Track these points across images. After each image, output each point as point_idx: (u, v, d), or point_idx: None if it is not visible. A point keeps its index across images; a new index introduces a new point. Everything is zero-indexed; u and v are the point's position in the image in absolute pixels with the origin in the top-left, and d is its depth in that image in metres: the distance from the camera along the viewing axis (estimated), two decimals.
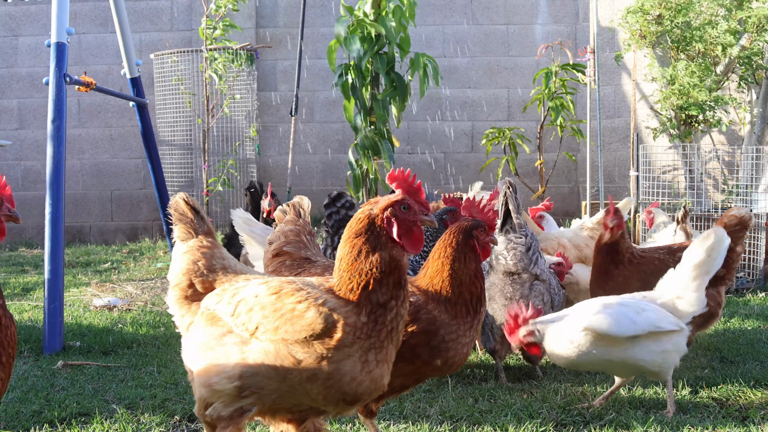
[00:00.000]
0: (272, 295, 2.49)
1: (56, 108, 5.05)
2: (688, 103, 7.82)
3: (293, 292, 2.47)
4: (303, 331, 2.37)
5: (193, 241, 2.84)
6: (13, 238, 11.18)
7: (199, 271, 2.76)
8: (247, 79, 10.73)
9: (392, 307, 2.45)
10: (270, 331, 2.43)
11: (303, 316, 2.39)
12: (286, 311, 2.42)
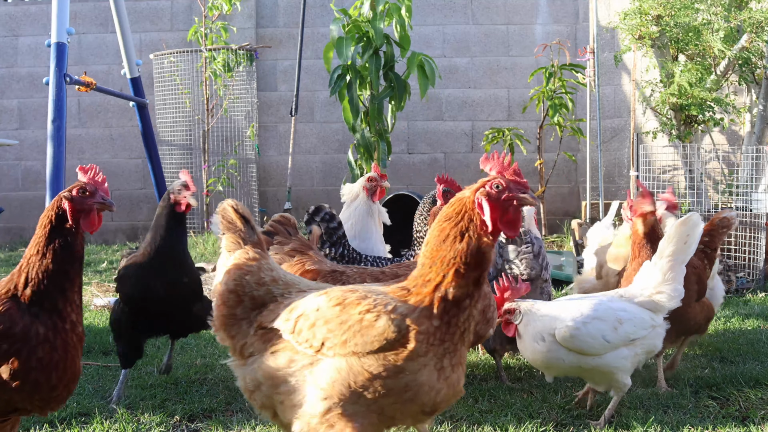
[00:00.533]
0: (336, 306, 2.31)
1: (56, 108, 5.05)
2: (687, 103, 7.82)
3: (358, 300, 2.29)
4: (375, 342, 2.21)
5: (239, 252, 2.62)
6: (12, 238, 11.18)
7: (248, 286, 2.54)
8: (247, 79, 10.73)
9: (466, 306, 2.28)
10: (338, 345, 2.25)
11: (373, 326, 2.22)
12: (354, 322, 2.25)
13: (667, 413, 3.52)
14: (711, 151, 9.12)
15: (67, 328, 2.34)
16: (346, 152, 7.61)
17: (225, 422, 3.42)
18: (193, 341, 4.94)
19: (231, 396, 3.79)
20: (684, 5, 7.85)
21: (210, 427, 3.39)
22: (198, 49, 10.22)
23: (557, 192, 10.90)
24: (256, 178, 11.04)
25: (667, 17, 7.93)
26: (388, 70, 7.12)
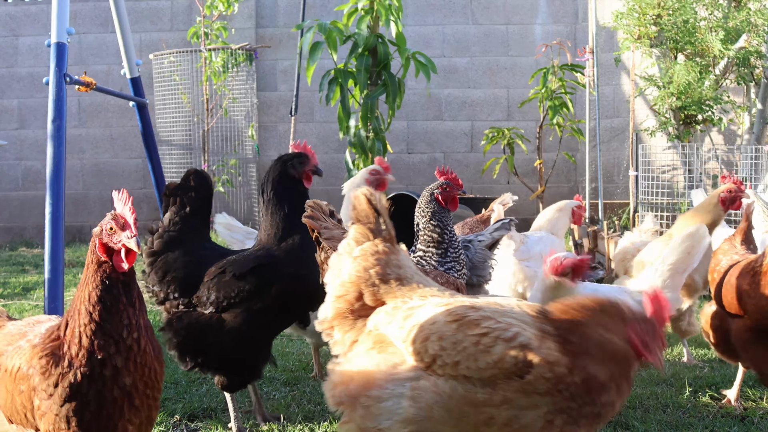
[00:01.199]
0: (453, 323, 2.15)
1: (56, 108, 5.05)
2: (687, 102, 7.83)
3: (479, 320, 2.14)
4: (488, 369, 2.05)
5: (367, 245, 2.44)
6: (13, 238, 11.19)
7: (370, 281, 2.37)
8: (247, 79, 10.74)
9: (609, 388, 2.06)
10: (449, 365, 2.10)
11: (489, 352, 2.07)
12: (470, 344, 2.10)
13: (666, 413, 3.53)
14: (710, 151, 9.13)
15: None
16: (345, 152, 7.62)
17: (225, 422, 3.43)
18: None
19: None
20: (682, 5, 7.85)
21: (210, 426, 3.40)
22: (198, 49, 10.22)
23: (557, 192, 10.91)
24: (256, 178, 11.04)
25: (666, 17, 7.94)
26: (381, 68, 7.12)
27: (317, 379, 4.13)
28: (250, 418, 3.50)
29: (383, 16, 6.94)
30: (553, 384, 2.03)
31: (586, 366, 2.05)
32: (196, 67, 10.37)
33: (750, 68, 8.11)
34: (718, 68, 8.13)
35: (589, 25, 9.66)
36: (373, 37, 7.01)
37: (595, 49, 8.95)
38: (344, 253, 2.47)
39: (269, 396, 3.82)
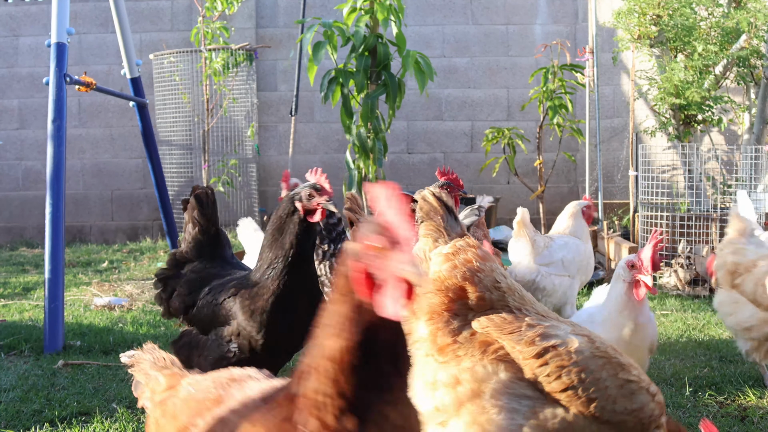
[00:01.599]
0: (600, 359, 2.10)
1: (56, 108, 5.06)
2: (686, 102, 7.83)
3: (628, 367, 2.12)
4: (622, 414, 2.04)
5: (460, 243, 2.37)
6: (13, 238, 11.19)
7: (480, 285, 2.29)
8: (247, 79, 10.74)
9: None
10: (581, 400, 2.04)
11: (631, 398, 2.07)
12: (613, 386, 2.06)
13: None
14: (710, 151, 9.13)
15: None
16: (346, 152, 7.62)
17: None
18: None
19: None
20: (682, 4, 7.86)
21: None
22: (198, 49, 10.23)
23: (557, 192, 10.91)
24: (256, 178, 11.05)
25: (665, 17, 7.95)
26: (381, 69, 7.12)
27: None
28: None
29: (383, 16, 6.94)
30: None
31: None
32: (196, 67, 10.38)
33: (750, 68, 8.11)
34: (718, 68, 8.13)
35: (589, 25, 9.66)
36: (372, 37, 7.02)
37: (595, 49, 8.95)
38: (426, 251, 2.39)
39: None
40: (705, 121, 8.15)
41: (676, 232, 7.14)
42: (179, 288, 3.40)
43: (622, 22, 8.22)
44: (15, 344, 4.80)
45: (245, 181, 10.91)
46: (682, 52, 8.27)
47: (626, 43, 8.35)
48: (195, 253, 3.49)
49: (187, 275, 3.43)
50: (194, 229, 3.50)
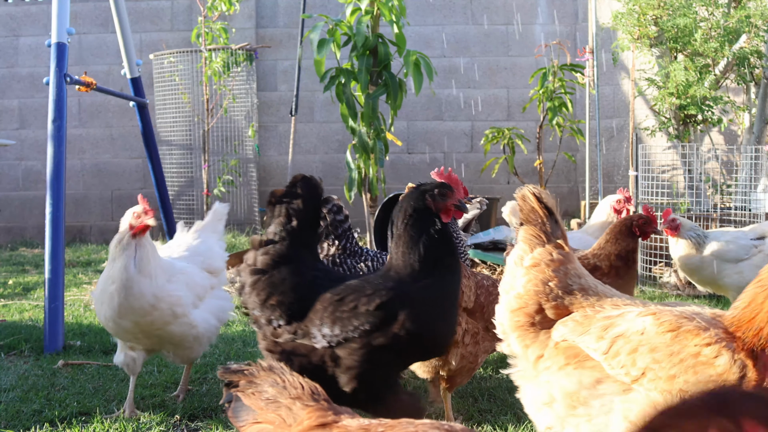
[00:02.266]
0: (667, 332, 2.00)
1: (57, 108, 5.06)
2: (686, 102, 7.83)
3: (697, 331, 1.98)
4: (710, 383, 1.91)
5: (539, 252, 2.27)
6: (13, 238, 11.19)
7: (552, 294, 2.22)
8: (247, 79, 10.74)
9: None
10: (662, 379, 1.96)
11: (712, 364, 1.92)
12: (688, 356, 1.95)
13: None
14: (710, 151, 9.13)
15: None
16: (345, 152, 7.62)
17: (225, 421, 3.43)
18: None
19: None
20: (681, 5, 7.86)
21: (210, 426, 3.40)
22: (198, 49, 10.23)
23: (557, 192, 10.92)
24: (256, 178, 11.05)
25: (665, 17, 7.95)
26: (382, 69, 7.13)
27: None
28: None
29: (386, 17, 6.95)
30: None
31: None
32: (196, 68, 10.38)
33: (750, 68, 8.11)
34: (717, 68, 8.13)
35: (589, 25, 9.66)
36: (374, 36, 7.02)
37: (595, 49, 8.95)
38: (517, 260, 2.32)
39: None
40: (705, 121, 8.16)
41: None
42: (281, 295, 2.88)
43: (622, 22, 8.23)
44: (15, 344, 4.80)
45: (245, 181, 10.91)
46: (682, 52, 8.27)
47: (626, 44, 8.35)
48: (294, 252, 2.97)
49: (291, 277, 2.92)
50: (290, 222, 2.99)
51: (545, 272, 2.24)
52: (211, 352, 4.65)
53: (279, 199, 2.98)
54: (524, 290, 2.26)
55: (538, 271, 2.25)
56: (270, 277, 2.88)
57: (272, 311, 2.83)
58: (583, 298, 2.21)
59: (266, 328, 2.85)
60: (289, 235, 2.93)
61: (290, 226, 2.94)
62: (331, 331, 2.72)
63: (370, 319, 2.68)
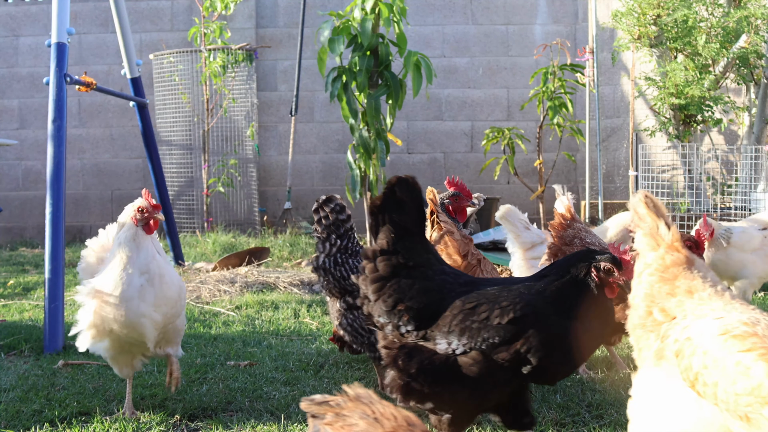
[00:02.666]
0: (720, 336, 1.89)
1: (57, 108, 5.06)
2: (686, 102, 7.83)
3: (745, 336, 1.84)
4: (744, 395, 1.76)
5: (653, 256, 2.23)
6: (13, 238, 11.19)
7: (659, 297, 2.18)
8: (247, 79, 10.74)
9: None
10: (709, 386, 1.85)
11: (747, 373, 1.77)
12: (730, 363, 1.82)
13: None
14: (710, 151, 9.13)
15: None
16: (345, 152, 7.62)
17: (225, 422, 3.43)
18: (193, 341, 4.95)
19: (231, 395, 3.80)
20: (681, 4, 7.86)
21: (210, 426, 3.40)
22: (198, 49, 10.23)
23: None
24: (256, 178, 11.05)
25: (665, 17, 7.95)
26: (383, 69, 7.13)
27: None
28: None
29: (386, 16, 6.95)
30: None
31: None
32: (196, 68, 10.38)
33: (750, 68, 8.11)
34: (717, 68, 8.13)
35: (589, 25, 9.66)
36: (375, 37, 7.02)
37: (595, 49, 8.96)
38: (636, 268, 2.31)
39: (269, 396, 3.82)
40: (705, 121, 8.16)
41: None
42: (410, 300, 2.82)
43: (622, 22, 8.23)
44: (15, 344, 4.80)
45: (245, 181, 10.91)
46: (682, 52, 8.27)
47: (626, 43, 8.36)
48: (409, 255, 2.93)
49: (418, 282, 2.87)
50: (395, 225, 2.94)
51: (655, 276, 2.21)
52: (211, 352, 4.66)
53: (381, 208, 2.91)
54: (635, 294, 2.27)
55: (650, 274, 2.23)
56: (396, 282, 2.83)
57: (399, 317, 2.80)
58: (688, 300, 2.14)
59: (391, 333, 2.84)
60: (400, 240, 2.88)
61: (399, 231, 2.89)
62: (458, 340, 2.70)
63: (500, 333, 2.66)
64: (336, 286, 3.84)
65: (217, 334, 5.20)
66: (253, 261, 7.74)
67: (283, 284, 6.76)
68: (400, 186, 2.89)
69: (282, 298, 6.33)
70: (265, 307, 6.07)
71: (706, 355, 1.89)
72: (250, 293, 6.51)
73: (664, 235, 2.22)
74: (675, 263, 2.18)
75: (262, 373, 4.18)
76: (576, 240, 4.10)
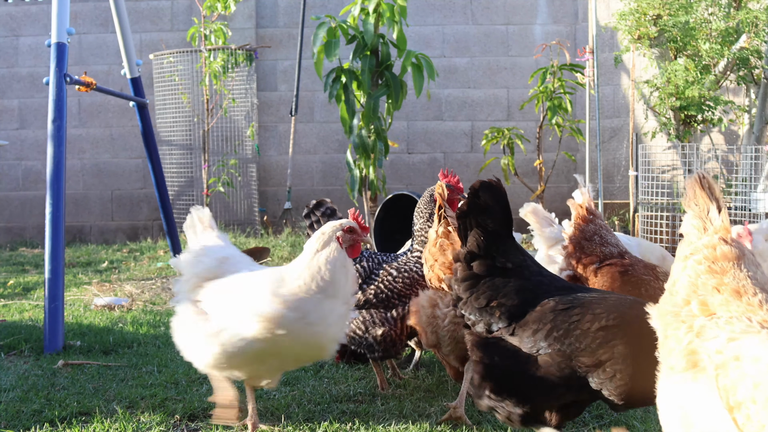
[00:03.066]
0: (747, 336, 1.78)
1: (57, 108, 5.06)
2: (686, 102, 7.83)
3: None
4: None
5: (703, 242, 2.08)
6: (13, 238, 11.19)
7: (703, 289, 2.04)
8: (247, 79, 10.74)
9: None
10: (753, 422, 1.71)
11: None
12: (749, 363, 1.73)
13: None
14: (710, 151, 9.13)
15: None
16: (345, 152, 7.61)
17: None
18: None
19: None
20: (682, 5, 7.86)
21: (210, 426, 3.40)
22: (198, 49, 10.23)
23: (557, 192, 10.91)
24: (256, 178, 11.05)
25: (665, 17, 7.94)
26: (384, 69, 7.14)
27: None
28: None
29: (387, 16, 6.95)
30: None
31: None
32: (196, 68, 10.38)
33: (750, 68, 8.11)
34: (717, 68, 8.13)
35: (589, 25, 9.65)
36: (375, 37, 7.03)
37: (595, 49, 8.95)
38: (681, 251, 2.17)
39: (269, 396, 3.82)
40: (705, 122, 8.16)
41: (676, 232, 7.14)
42: (503, 297, 2.85)
43: (622, 22, 8.23)
44: (15, 344, 4.80)
45: (245, 181, 10.91)
46: (682, 52, 8.27)
47: (626, 44, 8.35)
48: (501, 256, 2.95)
49: (512, 281, 2.89)
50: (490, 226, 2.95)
51: (700, 265, 2.07)
52: None
53: (467, 213, 2.96)
54: (679, 280, 2.13)
55: (696, 261, 2.09)
56: (490, 281, 2.88)
57: (491, 314, 2.83)
58: (741, 300, 1.99)
59: (482, 330, 2.87)
60: (489, 242, 2.91)
61: (486, 233, 2.91)
62: (544, 341, 2.71)
63: (587, 340, 2.65)
64: None
65: None
66: (253, 261, 7.73)
67: None
68: (483, 190, 2.92)
69: None
70: None
71: (757, 389, 1.72)
72: None
73: (713, 219, 2.08)
74: (726, 256, 2.03)
75: None
76: (596, 237, 4.09)
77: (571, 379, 2.69)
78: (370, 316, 3.81)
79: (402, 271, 3.85)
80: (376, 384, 3.97)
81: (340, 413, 3.53)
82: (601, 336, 2.63)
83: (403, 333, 3.80)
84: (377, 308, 3.81)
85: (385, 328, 3.77)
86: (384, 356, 3.84)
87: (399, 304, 3.80)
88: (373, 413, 3.51)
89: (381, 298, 3.81)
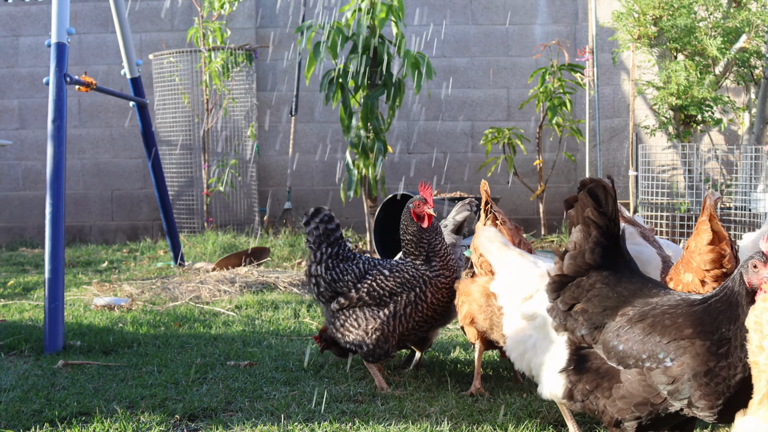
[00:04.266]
0: None
1: (56, 108, 5.06)
2: (686, 102, 7.83)
3: None
4: None
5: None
6: (13, 238, 11.19)
7: None
8: (247, 79, 10.75)
9: None
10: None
11: None
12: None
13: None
14: (710, 151, 9.14)
15: None
16: (345, 152, 7.61)
17: (225, 422, 3.43)
18: (193, 341, 4.95)
19: (231, 395, 3.80)
20: (682, 5, 7.86)
21: (210, 426, 3.40)
22: (197, 49, 10.23)
23: (557, 192, 10.91)
24: (255, 178, 11.05)
25: (665, 17, 7.95)
26: (381, 69, 7.14)
27: None
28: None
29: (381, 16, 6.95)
30: None
31: None
32: (196, 68, 10.38)
33: (750, 68, 8.11)
34: (717, 68, 8.13)
35: (589, 25, 9.66)
36: (370, 37, 7.03)
37: (594, 49, 8.96)
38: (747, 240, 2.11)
39: (269, 396, 3.82)
40: (705, 121, 8.16)
41: (676, 232, 7.15)
42: (586, 302, 2.75)
43: (622, 22, 8.23)
44: (15, 344, 4.80)
45: (245, 181, 10.91)
46: (682, 52, 8.27)
47: (626, 44, 8.35)
48: (598, 260, 2.82)
49: (596, 287, 2.77)
50: (592, 231, 2.84)
51: None
52: (211, 352, 4.66)
53: (572, 205, 2.93)
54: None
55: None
56: (577, 283, 2.78)
57: (575, 320, 2.74)
58: None
59: (571, 336, 2.78)
60: (590, 242, 2.82)
61: (589, 232, 2.83)
62: (623, 352, 2.59)
63: (660, 351, 2.51)
64: (327, 289, 4.02)
65: (217, 334, 5.20)
66: (252, 261, 7.74)
67: (283, 284, 6.77)
68: (595, 185, 2.86)
69: (282, 298, 6.33)
70: (265, 307, 6.07)
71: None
72: (250, 293, 6.51)
73: None
74: None
75: (262, 373, 4.18)
76: None
77: (651, 397, 2.58)
78: (363, 313, 3.94)
79: (394, 271, 3.96)
80: (376, 384, 3.97)
81: (340, 413, 3.53)
82: (672, 347, 2.52)
83: (395, 331, 3.91)
84: (369, 306, 3.94)
85: (376, 324, 3.89)
86: (375, 352, 3.92)
87: (390, 302, 3.91)
88: (373, 413, 3.51)
89: (373, 296, 3.92)
